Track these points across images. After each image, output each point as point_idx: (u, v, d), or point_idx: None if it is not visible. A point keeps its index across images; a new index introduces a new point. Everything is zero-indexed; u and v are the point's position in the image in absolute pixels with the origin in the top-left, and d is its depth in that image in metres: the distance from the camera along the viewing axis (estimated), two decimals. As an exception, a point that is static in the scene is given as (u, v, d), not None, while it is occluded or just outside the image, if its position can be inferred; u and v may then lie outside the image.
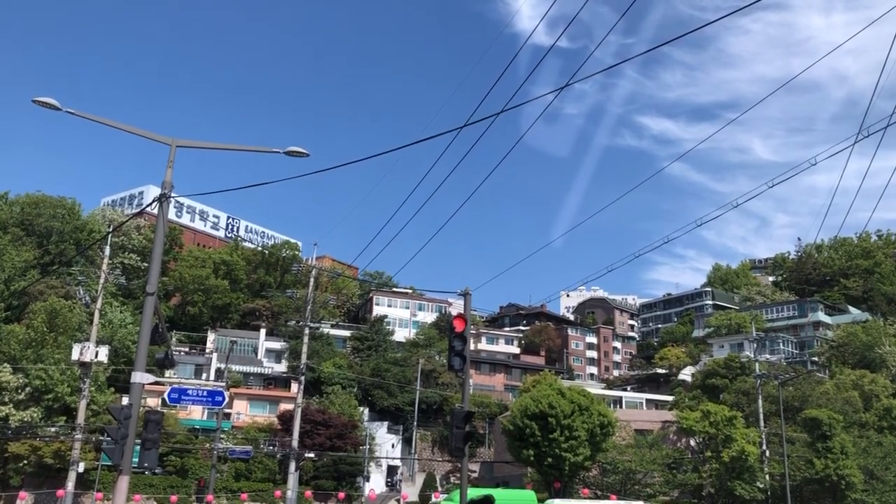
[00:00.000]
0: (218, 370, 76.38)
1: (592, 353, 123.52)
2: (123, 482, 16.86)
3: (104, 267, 42.27)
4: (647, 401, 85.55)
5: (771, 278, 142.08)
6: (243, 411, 72.93)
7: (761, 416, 55.00)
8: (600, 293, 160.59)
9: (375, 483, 69.95)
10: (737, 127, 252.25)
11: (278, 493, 54.64)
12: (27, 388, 58.00)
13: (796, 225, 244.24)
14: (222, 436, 57.43)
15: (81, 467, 44.24)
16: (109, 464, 37.97)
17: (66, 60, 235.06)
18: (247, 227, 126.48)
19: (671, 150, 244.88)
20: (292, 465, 43.74)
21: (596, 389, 76.20)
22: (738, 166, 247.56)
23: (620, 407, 78.62)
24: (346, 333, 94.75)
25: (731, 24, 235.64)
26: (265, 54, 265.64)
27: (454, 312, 69.09)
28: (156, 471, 56.39)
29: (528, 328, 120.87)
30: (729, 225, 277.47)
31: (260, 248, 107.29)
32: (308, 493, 57.46)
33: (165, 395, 41.46)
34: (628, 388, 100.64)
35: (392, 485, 74.96)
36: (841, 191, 18.81)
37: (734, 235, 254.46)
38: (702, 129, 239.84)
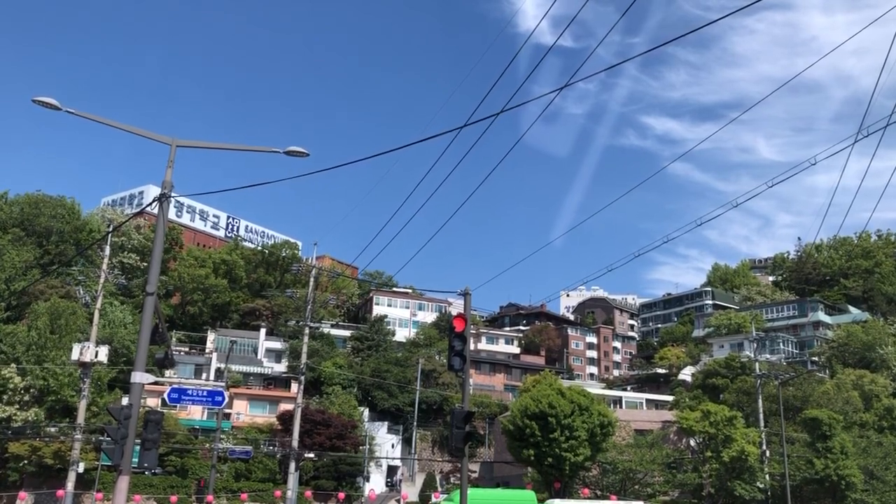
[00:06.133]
0: (218, 370, 76.36)
1: (592, 353, 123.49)
2: (123, 482, 16.85)
3: (104, 267, 42.22)
4: (647, 401, 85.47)
5: (771, 278, 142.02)
6: (243, 411, 72.89)
7: (761, 416, 54.96)
8: (600, 293, 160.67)
9: (375, 483, 69.91)
10: (741, 127, 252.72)
11: (278, 493, 54.64)
12: (31, 390, 58.08)
13: (799, 225, 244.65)
14: (222, 436, 57.43)
15: (81, 467, 44.22)
16: (109, 464, 37.95)
17: (66, 60, 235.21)
18: (247, 226, 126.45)
19: (675, 149, 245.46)
20: (292, 465, 43.70)
21: (596, 389, 76.13)
22: (741, 166, 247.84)
23: (620, 407, 78.57)
24: (346, 333, 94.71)
25: (735, 24, 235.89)
26: (265, 55, 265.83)
27: (454, 312, 69.04)
28: (156, 471, 56.37)
29: (528, 328, 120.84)
30: (731, 225, 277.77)
31: (260, 248, 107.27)
32: (308, 493, 57.44)
33: (165, 395, 41.47)
34: (628, 388, 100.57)
35: (392, 485, 74.95)
36: (842, 190, 18.81)
37: (737, 235, 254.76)
38: (706, 129, 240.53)
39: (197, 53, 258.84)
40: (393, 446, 76.62)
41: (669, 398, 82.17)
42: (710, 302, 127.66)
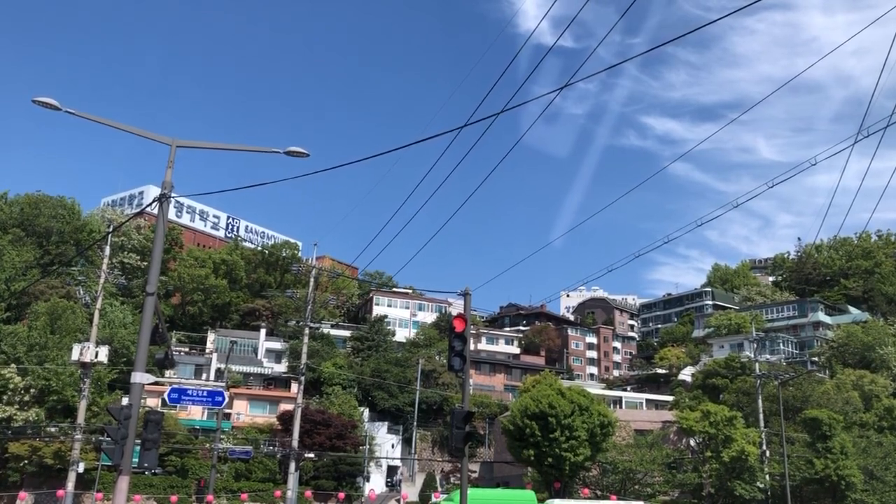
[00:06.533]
0: (218, 370, 76.38)
1: (592, 354, 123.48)
2: (123, 482, 16.85)
3: (104, 267, 42.22)
4: (647, 401, 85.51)
5: (771, 278, 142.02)
6: (243, 411, 72.92)
7: (761, 417, 54.95)
8: (600, 293, 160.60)
9: (375, 483, 69.93)
10: (741, 127, 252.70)
11: (278, 493, 54.66)
12: (31, 390, 58.08)
13: (799, 225, 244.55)
14: (222, 436, 57.43)
15: (81, 467, 44.21)
16: (109, 464, 37.97)
17: (66, 60, 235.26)
18: (247, 226, 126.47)
19: (676, 150, 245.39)
20: (292, 465, 43.71)
21: (596, 389, 76.15)
22: (742, 166, 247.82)
23: (620, 407, 78.60)
24: (346, 333, 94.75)
25: (736, 24, 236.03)
26: (265, 54, 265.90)
27: (454, 312, 69.10)
28: (156, 471, 56.36)
29: (528, 328, 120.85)
30: (732, 225, 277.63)
31: (260, 248, 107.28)
32: (308, 493, 57.44)
33: (165, 396, 41.49)
34: (628, 388, 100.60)
35: (392, 485, 74.97)
36: (842, 190, 18.80)
37: (737, 235, 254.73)
38: (706, 130, 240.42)
39: (197, 53, 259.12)
40: (393, 446, 76.64)
41: (669, 398, 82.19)
42: (710, 302, 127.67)
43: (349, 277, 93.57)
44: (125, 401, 18.97)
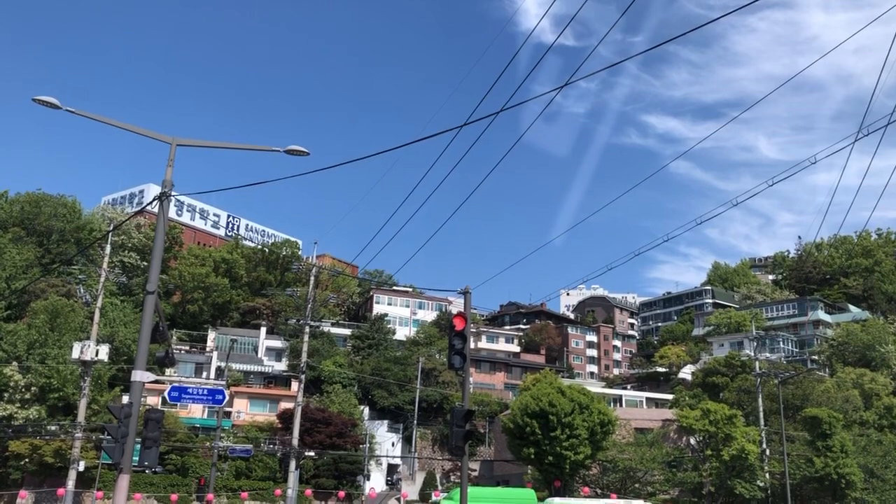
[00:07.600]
0: (218, 369, 76.41)
1: (592, 352, 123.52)
2: (124, 481, 16.86)
3: (104, 266, 42.26)
4: (648, 399, 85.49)
5: (771, 277, 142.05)
6: (244, 410, 72.95)
7: (761, 415, 54.98)
8: (600, 292, 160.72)
9: (376, 482, 69.97)
10: (742, 125, 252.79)
11: (278, 491, 54.75)
12: (32, 388, 58.13)
13: (800, 223, 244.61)
14: (223, 434, 57.46)
15: (82, 466, 44.26)
16: (110, 462, 37.99)
17: (66, 60, 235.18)
18: (247, 225, 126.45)
19: (677, 148, 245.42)
20: (292, 464, 43.75)
21: (596, 388, 76.18)
22: (742, 165, 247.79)
23: (620, 405, 78.58)
24: (347, 332, 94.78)
25: (737, 23, 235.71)
26: (266, 54, 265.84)
27: (454, 311, 69.06)
28: (156, 469, 56.49)
29: (528, 327, 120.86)
30: (732, 223, 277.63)
31: (260, 247, 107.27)
32: (308, 491, 57.52)
33: (166, 394, 41.60)
34: (628, 387, 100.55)
35: (392, 483, 75.02)
36: (842, 189, 18.80)
37: (738, 234, 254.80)
38: (707, 128, 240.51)
39: (197, 52, 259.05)
40: (393, 445, 76.69)
41: (669, 397, 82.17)
42: (711, 301, 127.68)
43: (349, 276, 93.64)
44: (125, 399, 19.00)
